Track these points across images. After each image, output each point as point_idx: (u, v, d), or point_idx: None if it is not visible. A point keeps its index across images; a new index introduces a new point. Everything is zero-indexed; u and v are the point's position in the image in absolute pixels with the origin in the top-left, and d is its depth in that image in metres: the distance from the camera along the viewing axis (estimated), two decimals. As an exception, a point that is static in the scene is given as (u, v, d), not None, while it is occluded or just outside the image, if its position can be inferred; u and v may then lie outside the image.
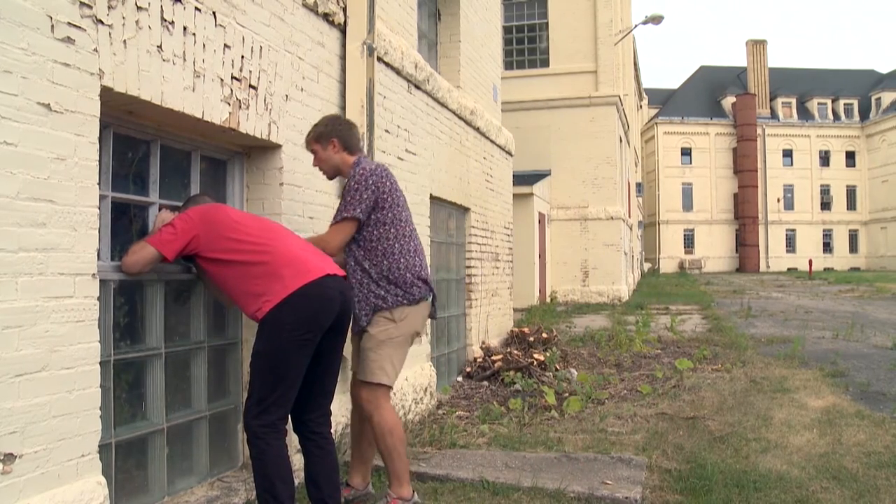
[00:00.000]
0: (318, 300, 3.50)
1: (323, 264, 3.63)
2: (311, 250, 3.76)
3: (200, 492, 4.08)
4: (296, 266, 3.52)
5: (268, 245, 3.60)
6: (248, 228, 3.66)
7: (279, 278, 3.47)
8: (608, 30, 22.67)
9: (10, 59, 2.70)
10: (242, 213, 3.94)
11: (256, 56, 4.23)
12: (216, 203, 3.93)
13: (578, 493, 4.39)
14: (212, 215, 3.67)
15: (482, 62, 9.56)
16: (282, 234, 3.75)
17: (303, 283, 3.46)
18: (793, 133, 67.93)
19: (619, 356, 10.24)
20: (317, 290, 3.50)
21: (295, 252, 3.62)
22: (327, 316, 3.54)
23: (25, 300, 2.77)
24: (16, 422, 2.72)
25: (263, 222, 3.81)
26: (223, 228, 3.61)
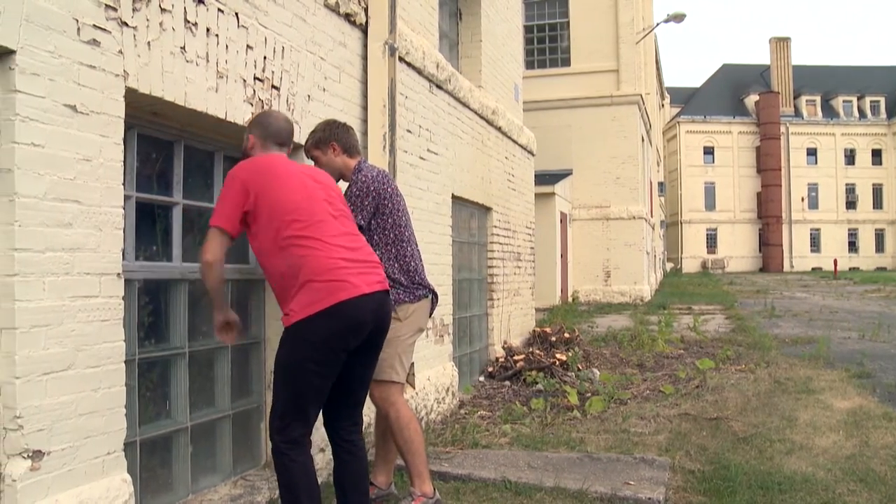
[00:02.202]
0: (348, 321, 3.28)
1: (361, 279, 3.34)
2: (355, 251, 3.45)
3: (224, 490, 4.10)
4: (332, 275, 3.26)
5: (309, 231, 3.33)
6: (296, 201, 3.37)
7: (311, 289, 3.24)
8: (630, 28, 22.57)
9: (38, 61, 2.73)
10: (290, 172, 3.48)
11: (279, 56, 4.25)
12: (275, 153, 3.63)
13: (601, 493, 4.37)
14: (264, 168, 3.44)
15: (503, 62, 9.55)
16: (326, 219, 3.43)
17: (335, 302, 3.22)
18: (817, 131, 67.27)
19: (641, 356, 10.19)
20: (349, 311, 3.26)
21: (336, 254, 3.33)
22: (356, 337, 3.35)
23: (52, 299, 2.80)
24: (43, 419, 2.76)
25: (310, 192, 3.45)
26: (272, 190, 3.35)
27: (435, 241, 6.49)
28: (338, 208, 3.52)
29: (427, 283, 4.24)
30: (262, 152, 3.59)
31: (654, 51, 33.90)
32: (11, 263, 2.67)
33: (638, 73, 22.87)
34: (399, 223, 4.15)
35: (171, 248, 3.89)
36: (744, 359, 9.97)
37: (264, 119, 3.69)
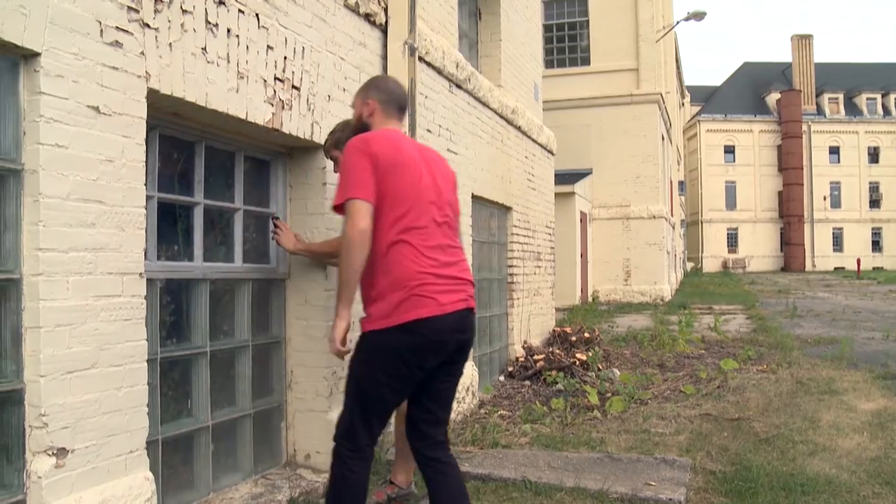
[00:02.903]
0: (427, 339, 3.04)
1: (447, 296, 3.09)
2: (448, 267, 3.17)
3: (245, 488, 4.12)
4: (418, 290, 3.02)
5: (408, 237, 3.10)
6: (409, 199, 3.13)
7: (394, 300, 3.02)
8: (649, 27, 22.46)
9: (62, 63, 2.76)
10: (413, 161, 3.21)
11: (299, 57, 4.26)
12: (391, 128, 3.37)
13: (621, 493, 4.35)
14: (394, 146, 3.20)
15: (523, 61, 9.53)
16: (429, 225, 3.17)
17: (415, 318, 3.00)
18: (840, 129, 66.69)
19: (661, 356, 10.14)
20: (429, 329, 3.02)
21: (428, 267, 3.08)
22: (436, 356, 3.10)
23: (76, 299, 2.83)
24: (67, 417, 2.78)
25: (421, 191, 3.18)
26: (394, 177, 3.12)
27: (454, 241, 6.47)
28: (444, 213, 3.24)
29: None
30: (382, 119, 3.38)
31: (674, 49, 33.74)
32: (36, 263, 2.69)
33: (658, 71, 22.77)
34: (419, 223, 4.15)
35: (193, 248, 3.91)
36: (765, 359, 9.89)
37: (382, 83, 3.50)
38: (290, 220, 4.59)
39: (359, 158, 3.07)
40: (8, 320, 2.72)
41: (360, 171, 3.04)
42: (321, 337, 4.48)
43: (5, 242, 2.72)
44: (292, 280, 4.59)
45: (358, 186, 3.03)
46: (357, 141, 3.14)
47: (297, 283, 4.58)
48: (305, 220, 4.58)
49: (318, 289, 4.52)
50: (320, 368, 4.50)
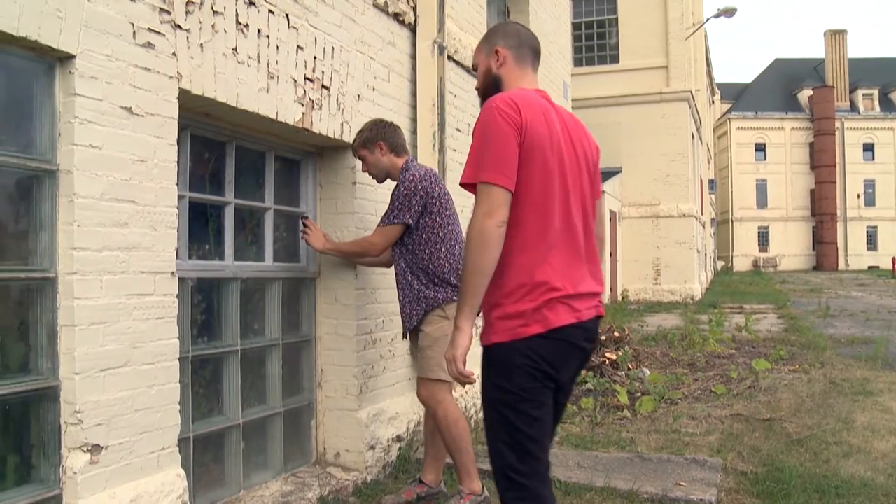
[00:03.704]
0: (563, 350, 2.52)
1: (582, 302, 2.57)
2: (582, 266, 2.63)
3: (275, 486, 4.15)
4: (550, 294, 2.49)
5: (538, 232, 2.53)
6: (543, 184, 2.52)
7: (521, 306, 2.48)
8: (679, 24, 22.29)
9: (96, 65, 2.79)
10: (553, 133, 2.58)
11: (329, 57, 4.28)
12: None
13: (652, 494, 4.32)
14: (541, 115, 2.57)
15: (552, 59, 9.49)
16: (563, 222, 2.57)
17: (552, 327, 2.47)
18: (874, 126, 65.75)
19: (692, 356, 10.05)
20: (565, 338, 2.51)
21: (559, 266, 2.53)
22: (567, 369, 2.59)
23: (109, 297, 2.86)
24: (101, 414, 2.82)
25: (555, 173, 2.56)
26: (536, 151, 2.52)
27: (483, 240, 6.47)
28: (580, 205, 2.63)
29: None
30: (516, 70, 2.78)
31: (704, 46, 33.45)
32: (71, 262, 2.73)
33: (688, 69, 22.59)
34: (447, 222, 4.15)
35: (224, 248, 3.94)
36: (797, 359, 9.78)
37: (505, 27, 2.89)
38: (320, 219, 4.61)
39: (504, 128, 2.47)
40: (44, 318, 2.76)
41: (503, 147, 2.46)
42: (351, 336, 4.51)
43: (41, 242, 2.76)
44: (322, 279, 4.61)
45: (499, 168, 2.45)
46: (502, 102, 2.51)
47: (326, 283, 4.60)
48: (335, 220, 4.59)
49: (348, 288, 4.54)
50: (350, 367, 4.52)
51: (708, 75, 39.38)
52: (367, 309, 4.64)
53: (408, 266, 4.14)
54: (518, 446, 2.50)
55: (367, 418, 4.54)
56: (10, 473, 2.73)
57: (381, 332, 4.80)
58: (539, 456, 2.53)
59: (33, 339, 2.77)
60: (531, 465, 2.51)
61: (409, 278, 4.13)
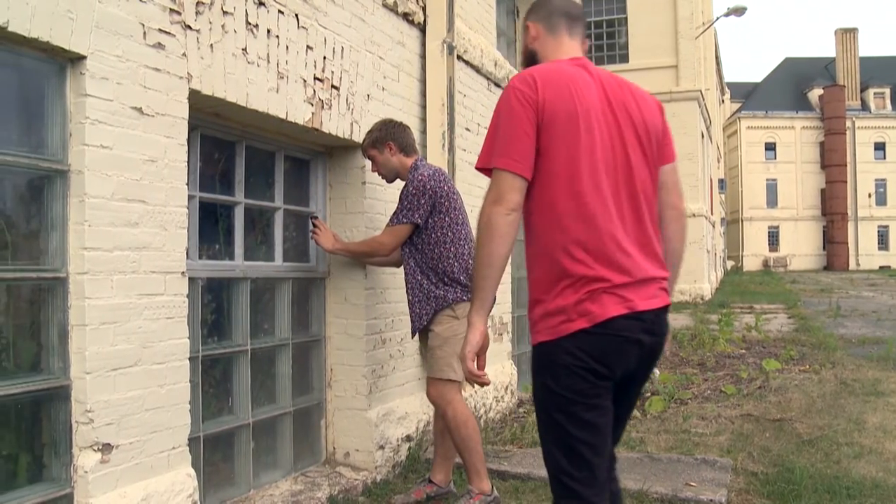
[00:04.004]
0: (614, 345, 2.28)
1: (636, 291, 2.30)
2: (636, 255, 2.34)
3: (285, 486, 4.16)
4: (597, 283, 2.26)
5: (582, 220, 2.28)
6: (581, 169, 2.29)
7: (567, 299, 2.27)
8: (689, 23, 22.23)
9: (107, 66, 2.80)
10: (590, 108, 2.33)
11: (338, 56, 4.29)
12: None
13: (661, 494, 4.31)
14: (564, 94, 2.33)
15: (561, 59, 9.47)
16: (612, 205, 2.32)
17: (599, 321, 2.25)
18: (886, 125, 65.36)
19: (702, 356, 10.03)
20: (616, 332, 2.27)
21: (610, 254, 2.28)
22: (622, 365, 2.33)
23: (120, 297, 2.87)
24: (112, 414, 2.83)
25: (599, 153, 2.31)
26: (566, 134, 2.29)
27: (492, 240, 6.46)
28: (628, 179, 2.35)
29: None
30: (550, 41, 2.56)
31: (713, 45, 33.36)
32: (82, 262, 2.74)
33: (697, 68, 22.52)
34: (456, 221, 4.15)
35: (234, 247, 3.95)
36: (808, 359, 9.74)
37: (538, 1, 2.69)
38: (329, 219, 4.61)
39: (517, 109, 2.29)
40: (55, 318, 2.77)
41: (515, 130, 2.29)
42: (361, 335, 4.51)
43: (52, 242, 2.77)
44: (332, 279, 4.62)
45: (510, 152, 2.28)
46: (519, 80, 2.35)
47: (336, 282, 4.60)
48: (345, 220, 4.60)
49: (358, 288, 4.55)
50: (360, 367, 4.52)
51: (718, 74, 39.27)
52: (376, 309, 4.64)
53: (417, 265, 4.14)
54: (570, 450, 2.31)
55: (376, 418, 4.55)
56: (22, 472, 2.74)
57: (391, 332, 4.80)
58: (593, 461, 2.31)
59: (44, 338, 2.78)
60: (585, 470, 2.31)
61: (418, 278, 4.13)
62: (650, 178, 2.42)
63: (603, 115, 2.33)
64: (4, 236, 2.71)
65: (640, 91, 2.51)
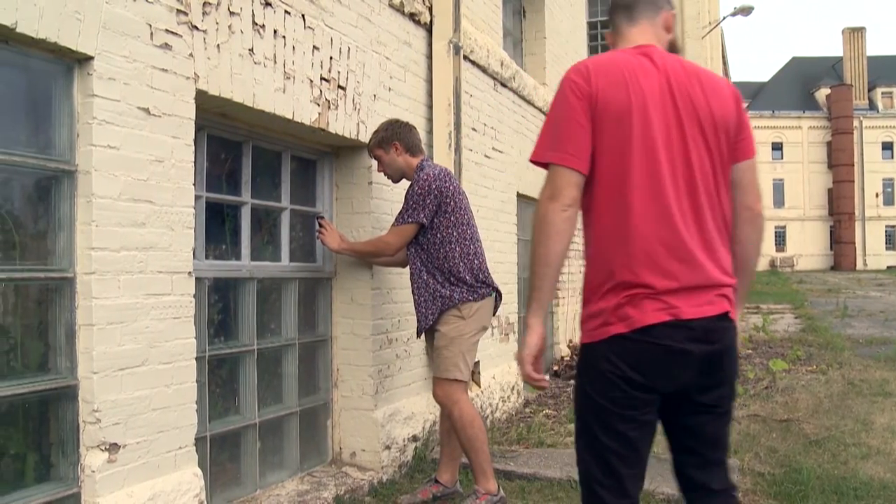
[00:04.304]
0: (654, 355, 2.13)
1: (684, 298, 2.13)
2: (693, 247, 2.17)
3: (291, 485, 4.16)
4: (640, 289, 2.13)
5: (636, 218, 2.15)
6: (637, 160, 2.16)
7: (610, 302, 2.16)
8: (695, 23, 22.16)
9: (114, 66, 2.81)
10: (650, 93, 2.19)
11: (345, 57, 4.29)
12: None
13: (668, 494, 4.30)
14: (619, 81, 2.20)
15: (567, 59, 9.46)
16: (677, 204, 2.16)
17: (636, 327, 2.12)
18: (894, 125, 65.09)
19: (708, 356, 9.99)
20: (656, 342, 2.11)
21: (657, 253, 2.14)
22: (671, 378, 2.17)
23: (127, 297, 2.88)
24: (119, 413, 2.83)
25: (661, 151, 2.17)
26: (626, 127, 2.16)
27: (500, 240, 6.48)
28: (694, 184, 2.19)
29: (491, 282, 4.24)
30: (616, 38, 2.47)
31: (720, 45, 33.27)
32: (89, 262, 2.75)
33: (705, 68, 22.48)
34: (462, 221, 4.15)
35: (240, 247, 3.96)
36: (815, 359, 9.71)
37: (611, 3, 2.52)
38: (336, 219, 4.62)
39: (571, 101, 2.18)
40: (62, 318, 2.78)
41: (569, 122, 2.17)
42: (367, 335, 4.52)
43: (59, 242, 2.78)
44: (338, 279, 4.62)
45: (564, 145, 2.17)
46: (573, 71, 2.25)
47: (343, 282, 4.61)
48: (351, 220, 4.60)
49: (364, 288, 4.55)
50: (366, 367, 4.53)
51: (724, 74, 39.15)
52: (383, 309, 4.64)
53: (423, 265, 4.14)
54: (599, 457, 2.23)
55: (382, 418, 4.55)
56: (29, 471, 2.75)
57: (397, 332, 4.80)
58: (622, 471, 2.21)
59: (52, 338, 2.79)
60: (612, 479, 2.22)
61: (424, 277, 4.13)
62: (714, 174, 2.23)
63: (661, 107, 2.18)
64: (12, 236, 2.72)
65: (714, 80, 2.33)
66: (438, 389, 4.13)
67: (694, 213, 2.18)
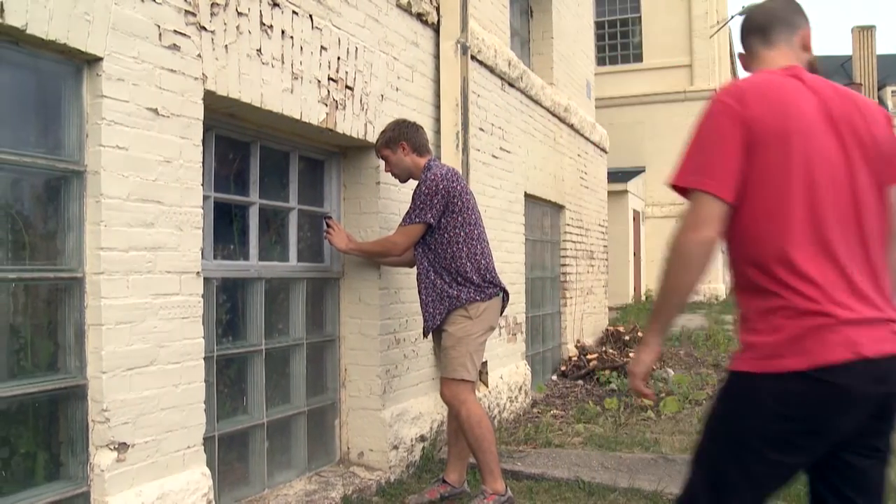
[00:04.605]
0: (833, 396, 1.91)
1: (867, 332, 1.94)
2: (869, 292, 2.00)
3: (299, 485, 4.17)
4: (818, 319, 1.93)
5: (796, 254, 1.99)
6: (798, 199, 2.00)
7: (782, 332, 1.96)
8: (703, 22, 22.12)
9: (123, 67, 2.82)
10: (810, 121, 2.04)
11: (352, 57, 4.29)
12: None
13: (677, 495, 4.29)
14: (781, 107, 2.05)
15: (575, 58, 9.46)
16: (841, 237, 2.02)
17: (816, 365, 1.90)
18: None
19: (717, 356, 9.97)
20: (837, 382, 1.90)
21: (835, 288, 1.97)
22: (846, 420, 1.96)
23: (135, 297, 2.89)
24: (128, 413, 2.85)
25: (808, 160, 2.01)
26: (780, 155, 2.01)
27: (507, 240, 6.48)
28: (860, 212, 2.04)
29: (498, 282, 4.24)
30: (753, 62, 2.31)
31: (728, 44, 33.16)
32: (98, 262, 2.76)
33: (712, 67, 22.40)
34: (469, 221, 4.15)
35: (248, 248, 3.97)
36: None
37: (743, 20, 2.42)
38: (343, 219, 4.62)
39: (724, 124, 2.04)
40: (72, 318, 2.79)
41: (721, 148, 2.03)
42: (375, 335, 4.52)
43: (69, 242, 2.79)
44: (346, 279, 4.63)
45: (713, 172, 2.02)
46: (726, 94, 2.10)
47: (350, 283, 4.61)
48: (359, 220, 4.61)
49: (372, 288, 4.55)
50: (374, 367, 4.53)
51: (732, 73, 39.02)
52: (390, 309, 4.65)
53: (431, 265, 4.14)
54: (713, 484, 2.08)
55: (390, 418, 4.55)
56: (39, 470, 2.76)
57: (405, 332, 4.81)
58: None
59: (61, 338, 2.81)
60: None
61: (432, 277, 4.13)
62: (877, 201, 2.09)
63: (824, 133, 2.03)
64: (23, 237, 2.73)
65: (867, 102, 2.18)
66: (446, 389, 4.13)
67: (860, 242, 2.04)
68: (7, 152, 2.60)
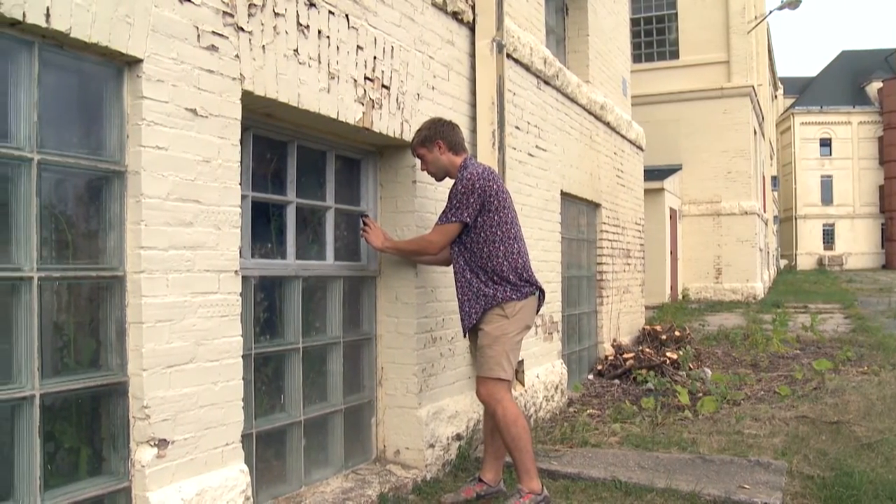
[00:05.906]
0: None
1: None
2: None
3: (336, 483, 4.19)
4: None
5: None
6: None
7: None
8: (741, 18, 21.86)
9: (162, 68, 2.85)
10: None
11: (388, 56, 4.30)
12: None
13: (714, 496, 4.25)
14: None
15: (611, 56, 9.40)
16: None
17: None
18: (948, 120, 63.41)
19: (755, 356, 9.86)
20: None
21: None
22: None
23: (175, 296, 2.92)
24: (168, 410, 2.88)
25: None
26: None
27: (544, 238, 6.45)
28: None
29: (535, 281, 4.22)
30: None
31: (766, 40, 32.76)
32: (139, 261, 2.80)
33: (749, 63, 22.13)
34: (506, 220, 4.14)
35: (286, 246, 3.99)
36: (866, 360, 9.51)
37: None
38: (380, 218, 4.64)
39: None
40: (113, 316, 2.84)
41: None
42: (411, 334, 4.53)
43: (110, 241, 2.84)
44: (383, 277, 4.64)
45: None
46: None
47: (387, 281, 4.63)
48: (395, 219, 4.62)
49: (409, 286, 4.56)
50: (410, 365, 4.54)
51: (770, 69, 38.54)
52: (427, 307, 4.65)
53: (467, 264, 4.14)
54: None
55: (426, 416, 4.56)
56: (82, 465, 2.81)
57: (442, 331, 4.81)
58: None
59: (103, 335, 2.85)
60: None
61: (468, 276, 4.13)
62: None
63: None
64: (66, 236, 2.77)
65: None
66: (482, 388, 4.12)
67: None
68: (52, 153, 2.64)
